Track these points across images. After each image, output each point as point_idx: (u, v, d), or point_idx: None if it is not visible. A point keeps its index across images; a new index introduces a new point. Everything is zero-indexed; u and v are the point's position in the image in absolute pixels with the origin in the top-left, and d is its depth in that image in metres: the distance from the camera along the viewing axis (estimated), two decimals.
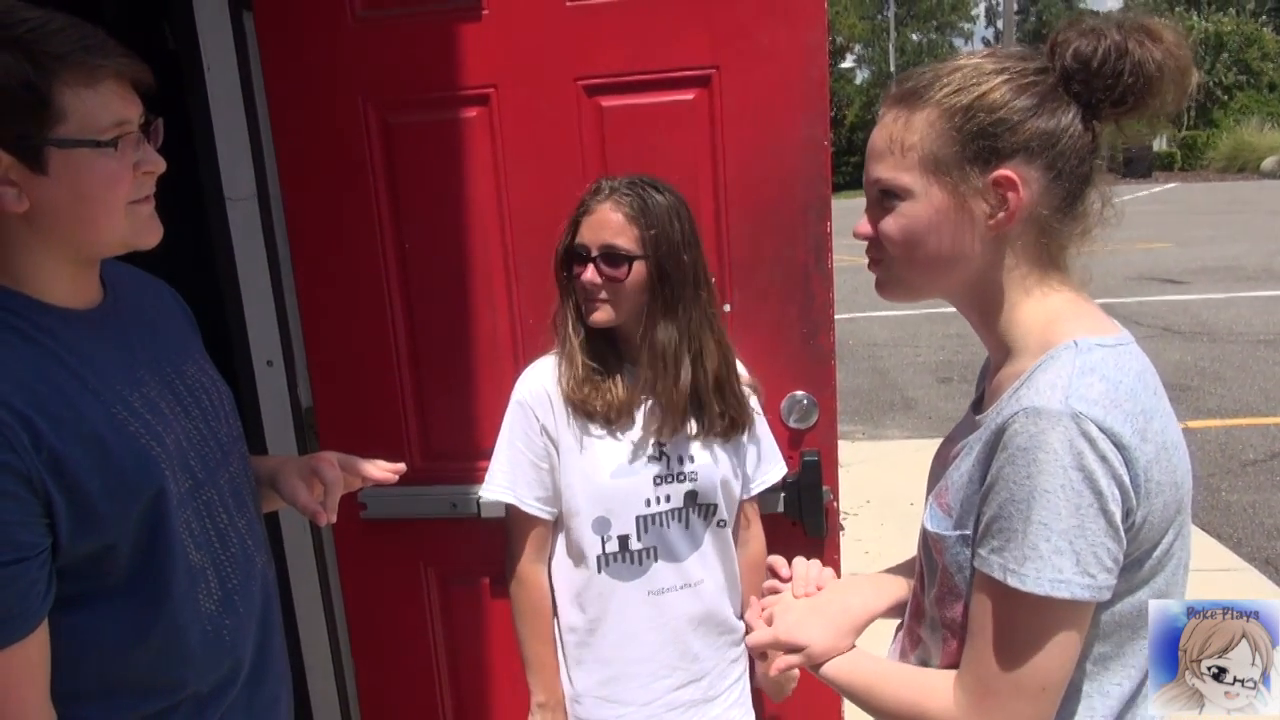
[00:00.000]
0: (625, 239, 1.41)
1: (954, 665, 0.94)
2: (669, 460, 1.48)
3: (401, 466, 1.28)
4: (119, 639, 0.99)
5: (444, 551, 1.85)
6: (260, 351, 1.81)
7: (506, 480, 1.51)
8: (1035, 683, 0.85)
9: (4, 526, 0.87)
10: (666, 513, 1.48)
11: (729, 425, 1.50)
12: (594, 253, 1.42)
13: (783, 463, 1.64)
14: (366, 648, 1.94)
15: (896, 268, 0.97)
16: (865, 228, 0.98)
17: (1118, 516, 0.82)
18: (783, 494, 1.67)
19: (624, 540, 1.48)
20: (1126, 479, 0.82)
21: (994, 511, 0.86)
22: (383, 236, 1.73)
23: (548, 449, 1.50)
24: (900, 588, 1.16)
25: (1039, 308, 0.93)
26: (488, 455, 1.55)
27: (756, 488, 1.60)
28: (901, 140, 0.93)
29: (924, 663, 1.03)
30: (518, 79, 1.64)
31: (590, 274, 1.42)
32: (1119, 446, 0.81)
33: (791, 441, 1.71)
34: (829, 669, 1.04)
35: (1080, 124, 0.90)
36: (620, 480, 1.47)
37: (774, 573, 1.19)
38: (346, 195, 1.72)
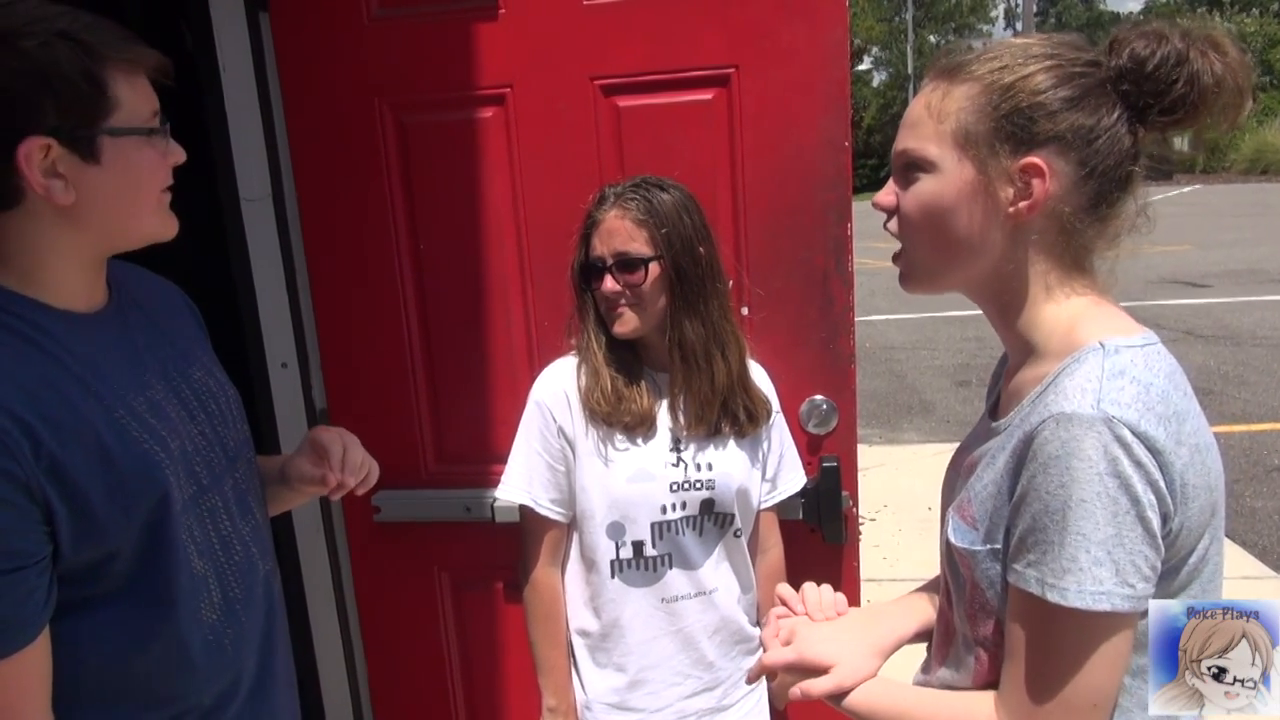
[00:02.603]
0: (638, 243, 1.39)
1: (987, 685, 0.91)
2: (686, 467, 1.46)
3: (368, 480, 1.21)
4: (119, 646, 0.97)
5: (457, 555, 1.83)
6: (275, 353, 1.81)
7: (523, 482, 1.50)
8: (1085, 700, 0.82)
9: (1, 534, 0.85)
10: (681, 520, 1.46)
11: (748, 420, 1.48)
12: (609, 262, 1.40)
13: (802, 472, 1.62)
14: (380, 651, 1.93)
15: (917, 252, 0.95)
16: (888, 197, 0.96)
17: (1155, 524, 0.79)
18: (801, 500, 1.64)
19: (639, 546, 1.46)
20: (1163, 485, 0.79)
21: (1027, 524, 0.83)
22: (398, 237, 1.72)
23: (564, 451, 1.48)
24: (928, 610, 1.11)
25: (1061, 309, 0.91)
26: (502, 459, 1.53)
27: (776, 497, 1.58)
28: (939, 110, 0.90)
29: (947, 684, 0.99)
30: (534, 79, 1.63)
31: (609, 284, 1.40)
32: (1154, 451, 0.79)
33: (810, 446, 1.68)
34: (855, 698, 0.98)
35: (1124, 127, 0.87)
36: (637, 486, 1.45)
37: (785, 605, 1.14)
38: (361, 196, 1.71)
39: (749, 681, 1.20)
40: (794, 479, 1.60)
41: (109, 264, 1.04)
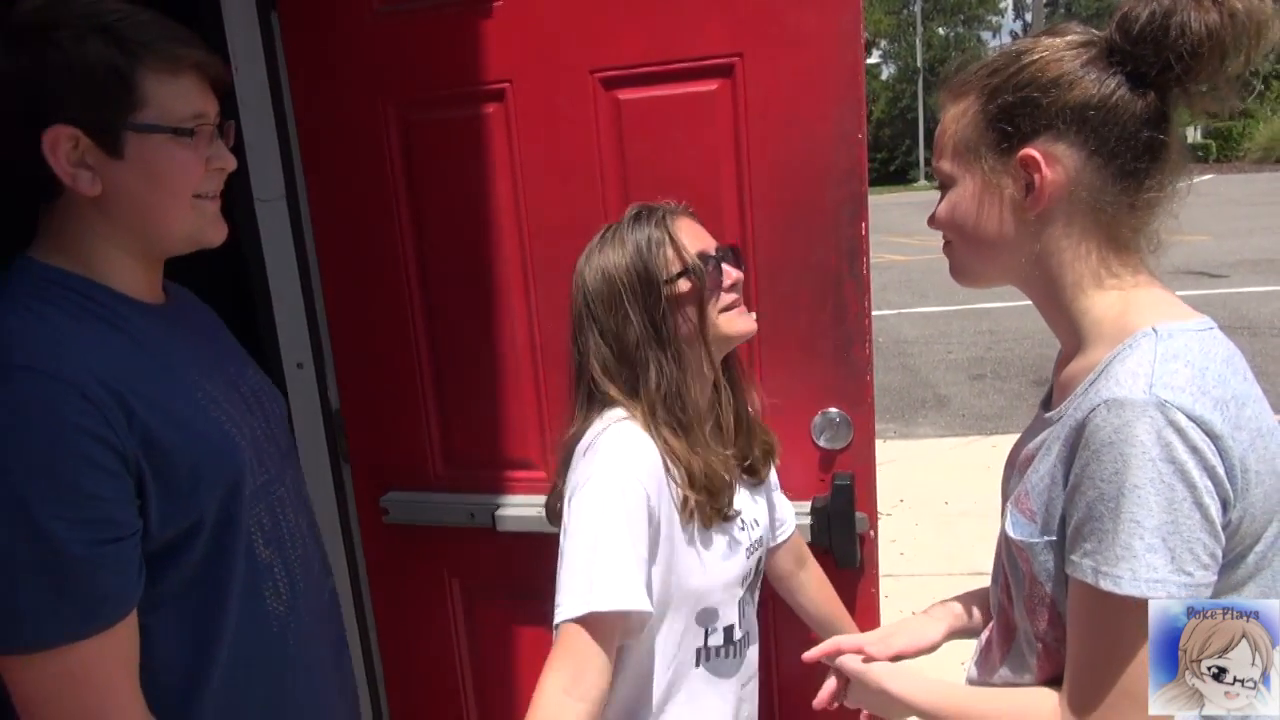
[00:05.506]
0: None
1: (1049, 681, 0.91)
2: (747, 527, 1.27)
3: None
4: (189, 646, 0.97)
5: (467, 560, 1.81)
6: (290, 353, 1.80)
7: (635, 586, 1.08)
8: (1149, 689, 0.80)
9: (102, 503, 0.86)
10: (750, 588, 1.30)
11: (767, 455, 1.36)
12: (717, 253, 1.22)
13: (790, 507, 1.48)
14: (395, 655, 1.92)
15: (957, 253, 0.99)
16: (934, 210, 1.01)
17: (1214, 510, 0.78)
18: (810, 520, 1.52)
19: (729, 631, 1.26)
20: (1221, 470, 0.78)
21: (1083, 512, 0.82)
22: (402, 237, 1.71)
23: (653, 540, 1.16)
24: (966, 609, 1.16)
25: (1110, 295, 0.90)
26: (505, 464, 1.49)
27: (785, 533, 1.45)
28: (944, 127, 0.96)
29: (1009, 683, 0.98)
30: (533, 73, 1.58)
31: (733, 272, 1.23)
32: (1211, 435, 0.77)
33: (822, 463, 1.56)
34: (914, 694, 1.01)
35: (1125, 92, 0.85)
36: (730, 563, 1.24)
37: None
38: (367, 195, 1.70)
39: (806, 658, 1.18)
40: (788, 507, 1.48)
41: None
